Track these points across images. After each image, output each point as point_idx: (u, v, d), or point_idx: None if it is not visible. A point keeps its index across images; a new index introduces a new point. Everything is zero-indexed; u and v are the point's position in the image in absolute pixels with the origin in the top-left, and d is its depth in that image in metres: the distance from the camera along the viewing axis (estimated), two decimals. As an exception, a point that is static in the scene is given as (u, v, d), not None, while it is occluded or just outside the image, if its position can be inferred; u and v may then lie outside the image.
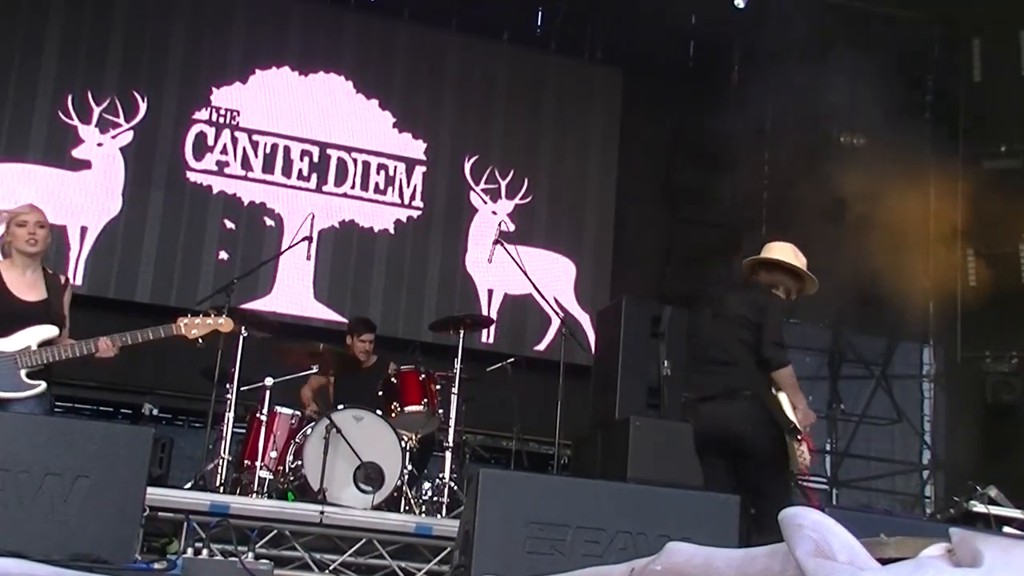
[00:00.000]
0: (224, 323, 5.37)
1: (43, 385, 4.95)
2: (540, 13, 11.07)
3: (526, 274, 7.75)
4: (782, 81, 10.77)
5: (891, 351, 11.33)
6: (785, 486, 5.31)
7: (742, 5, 10.33)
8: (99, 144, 9.47)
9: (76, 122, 9.45)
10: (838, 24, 10.58)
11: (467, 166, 10.48)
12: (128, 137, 9.59)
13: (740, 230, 11.11)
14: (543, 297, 8.60)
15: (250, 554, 4.68)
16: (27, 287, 5.12)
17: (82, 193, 9.39)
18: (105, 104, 9.51)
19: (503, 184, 10.54)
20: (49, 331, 5.02)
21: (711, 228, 10.81)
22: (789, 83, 10.76)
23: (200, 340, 5.27)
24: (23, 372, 4.88)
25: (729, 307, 5.50)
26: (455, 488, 6.74)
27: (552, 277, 10.22)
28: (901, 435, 11.30)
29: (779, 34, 10.20)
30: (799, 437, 5.14)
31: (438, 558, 5.69)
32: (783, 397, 5.21)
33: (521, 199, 10.56)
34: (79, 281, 9.18)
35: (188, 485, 6.54)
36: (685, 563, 2.25)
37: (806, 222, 10.83)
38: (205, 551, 4.55)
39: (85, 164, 9.43)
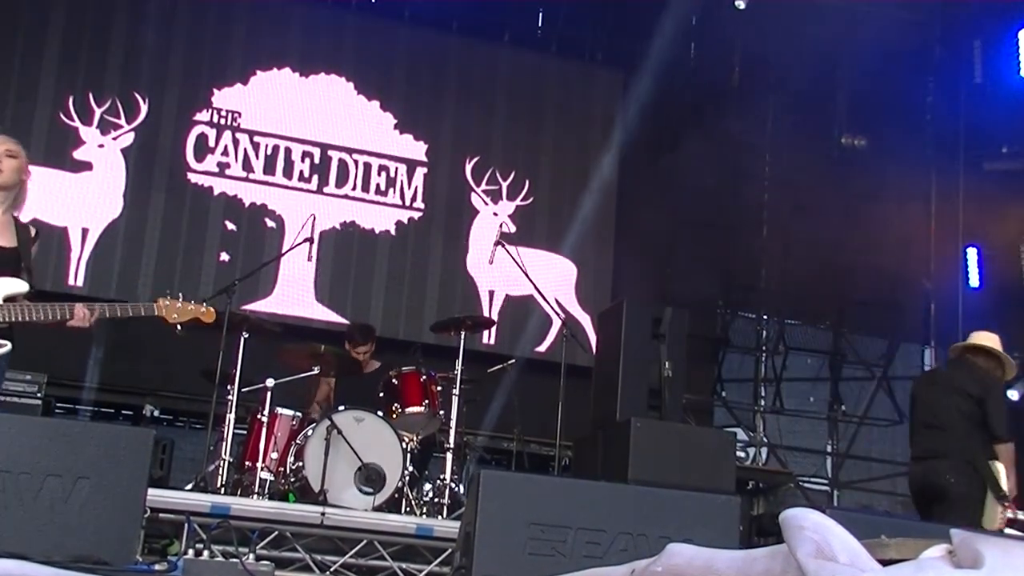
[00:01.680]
0: (206, 313, 4.92)
1: (8, 346, 4.44)
2: (541, 15, 11.07)
3: (527, 275, 7.76)
4: (783, 82, 10.80)
5: (892, 352, 11.34)
6: None
7: (743, 6, 10.33)
8: (100, 145, 9.47)
9: (77, 123, 9.45)
10: (838, 25, 10.58)
11: (468, 167, 10.48)
12: (129, 138, 9.59)
13: (741, 231, 11.13)
14: (544, 298, 8.61)
15: (251, 555, 4.68)
16: None
17: (83, 194, 9.39)
18: (106, 105, 9.52)
19: (504, 185, 10.54)
20: (18, 286, 4.47)
21: (712, 229, 10.82)
22: (790, 84, 10.79)
23: (179, 327, 4.84)
24: None
25: (951, 379, 6.31)
26: (456, 489, 6.74)
27: (553, 278, 10.22)
28: (902, 436, 11.28)
29: (779, 35, 10.21)
30: (1005, 504, 5.90)
31: (439, 559, 5.69)
32: (1000, 467, 5.94)
33: (522, 200, 10.56)
34: (80, 282, 9.19)
35: (189, 486, 6.54)
36: (686, 564, 2.25)
37: (807, 223, 10.87)
38: (206, 552, 4.55)
39: (86, 165, 9.43)
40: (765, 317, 11.34)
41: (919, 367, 11.49)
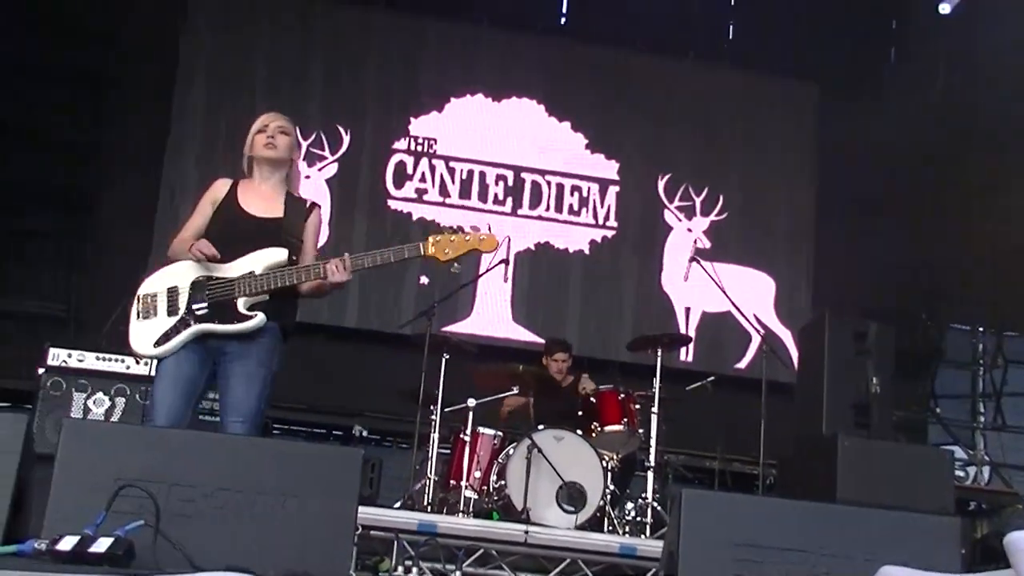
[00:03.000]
0: (486, 240, 4.50)
1: (259, 317, 4.30)
2: (731, 28, 10.93)
3: (723, 291, 7.66)
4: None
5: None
6: None
7: (948, 11, 9.94)
8: (307, 177, 9.87)
9: (284, 156, 9.88)
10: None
11: (660, 184, 10.43)
12: (333, 169, 10.00)
13: (944, 238, 10.62)
14: (742, 314, 8.48)
15: (458, 572, 4.78)
16: (261, 202, 4.53)
17: (292, 225, 9.80)
18: (311, 139, 9.94)
19: (697, 201, 10.43)
20: (276, 255, 4.39)
21: (914, 238, 10.39)
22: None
23: (456, 264, 4.57)
24: (241, 302, 4.30)
25: None
26: (658, 508, 6.69)
27: (751, 293, 10.04)
28: None
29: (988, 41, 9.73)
30: None
31: (643, 579, 5.67)
32: None
33: (716, 216, 10.43)
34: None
35: (397, 504, 6.72)
36: (901, 587, 2.17)
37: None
38: (415, 569, 4.66)
39: (293, 197, 9.84)
40: (980, 329, 10.79)
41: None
